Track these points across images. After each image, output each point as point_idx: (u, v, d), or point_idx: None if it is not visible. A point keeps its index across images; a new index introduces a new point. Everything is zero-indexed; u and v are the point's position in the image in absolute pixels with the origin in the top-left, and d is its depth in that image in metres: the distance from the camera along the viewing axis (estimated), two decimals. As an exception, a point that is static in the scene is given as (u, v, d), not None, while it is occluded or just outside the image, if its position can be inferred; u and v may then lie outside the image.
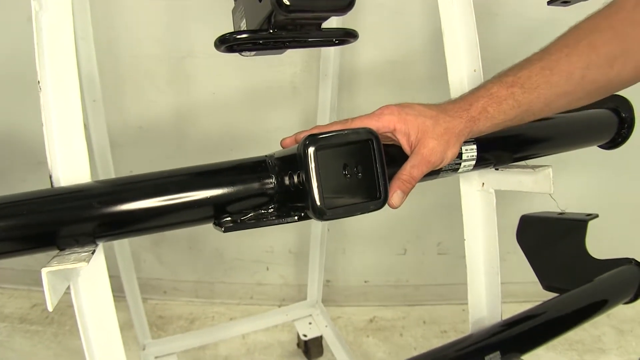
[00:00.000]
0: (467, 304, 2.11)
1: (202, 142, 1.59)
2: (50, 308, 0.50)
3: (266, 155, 0.61)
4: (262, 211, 0.58)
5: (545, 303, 0.96)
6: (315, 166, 0.51)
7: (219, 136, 1.59)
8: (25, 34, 1.48)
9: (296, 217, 0.56)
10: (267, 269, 1.95)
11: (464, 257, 1.95)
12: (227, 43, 0.56)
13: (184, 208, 0.58)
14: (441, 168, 0.71)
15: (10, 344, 1.83)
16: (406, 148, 0.64)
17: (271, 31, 0.54)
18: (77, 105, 0.60)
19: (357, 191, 0.55)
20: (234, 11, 0.63)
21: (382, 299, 2.02)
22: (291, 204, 0.58)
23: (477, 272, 0.89)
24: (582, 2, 0.92)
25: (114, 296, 1.91)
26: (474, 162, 0.76)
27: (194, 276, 1.97)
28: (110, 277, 1.79)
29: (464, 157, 0.75)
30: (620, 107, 1.03)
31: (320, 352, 1.75)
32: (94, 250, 0.55)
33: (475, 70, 0.86)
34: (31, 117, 1.59)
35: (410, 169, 0.62)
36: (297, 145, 0.54)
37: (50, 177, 0.59)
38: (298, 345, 1.81)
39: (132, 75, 1.45)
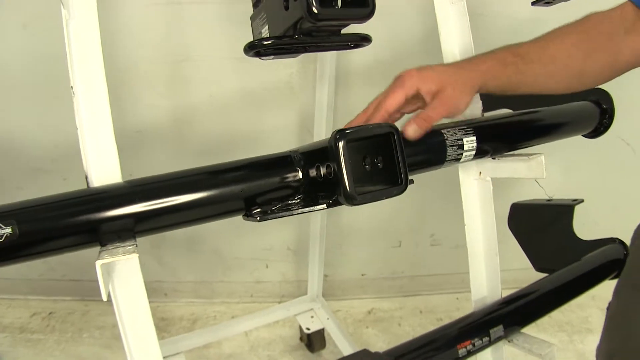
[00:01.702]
0: (460, 292, 2.19)
1: (201, 144, 1.63)
2: (104, 298, 0.55)
3: (290, 151, 0.67)
4: (290, 201, 0.63)
5: (538, 282, 1.04)
6: (345, 157, 0.57)
7: (217, 138, 1.63)
8: (18, 41, 1.51)
9: (325, 205, 0.62)
10: (267, 266, 1.99)
11: (456, 247, 2.03)
12: (255, 49, 0.61)
13: (216, 202, 0.63)
14: (446, 158, 0.77)
15: (13, 354, 1.84)
16: (428, 99, 0.75)
17: (296, 37, 0.60)
18: (106, 108, 0.65)
19: (381, 178, 0.62)
20: (253, 18, 0.69)
21: (379, 291, 2.08)
22: (318, 193, 0.63)
23: (477, 255, 0.96)
24: (563, 2, 0.99)
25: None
26: (474, 152, 0.83)
27: (194, 277, 2.00)
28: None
29: (465, 147, 0.81)
30: (601, 99, 1.12)
31: (323, 344, 1.80)
32: (136, 244, 0.60)
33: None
34: (26, 123, 1.62)
35: (429, 110, 0.73)
36: (325, 139, 0.59)
37: (86, 177, 0.64)
38: (301, 339, 1.86)
39: (130, 80, 1.48)
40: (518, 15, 1.55)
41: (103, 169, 0.63)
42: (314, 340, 1.78)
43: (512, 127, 0.90)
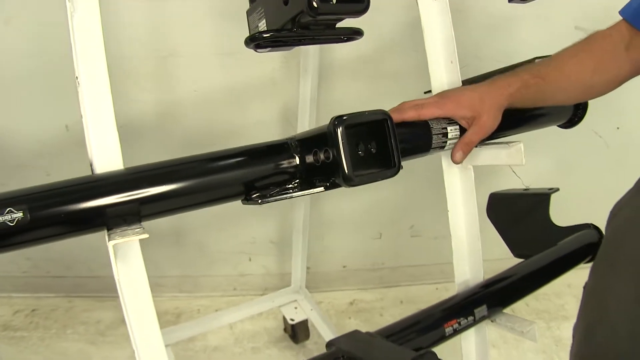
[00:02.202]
0: (440, 283, 2.25)
1: (186, 138, 1.65)
2: (116, 277, 0.57)
3: (287, 138, 0.70)
4: (288, 186, 0.67)
5: (516, 265, 1.09)
6: (343, 141, 0.60)
7: (201, 132, 1.65)
8: (1, 37, 1.51)
9: (323, 188, 0.65)
10: (250, 259, 2.01)
11: (436, 238, 2.09)
12: (256, 41, 0.65)
13: (217, 187, 0.66)
14: (432, 146, 0.82)
15: (-4, 352, 1.84)
16: (465, 124, 0.87)
17: (295, 30, 0.63)
18: (108, 98, 0.67)
19: (376, 161, 0.66)
20: (249, 12, 0.72)
21: (361, 282, 2.12)
22: (314, 178, 0.67)
23: (460, 240, 1.00)
24: (538, -1, 1.04)
25: (107, 296, 1.97)
26: (457, 141, 0.87)
27: (178, 271, 2.02)
28: (104, 277, 1.86)
29: (449, 136, 0.86)
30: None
31: (307, 335, 1.83)
32: (143, 228, 0.62)
33: (452, 62, 0.97)
34: (9, 119, 1.62)
35: (470, 136, 0.86)
36: (322, 125, 0.63)
37: (91, 165, 0.66)
38: (285, 330, 1.89)
39: (115, 75, 1.48)
40: (495, 12, 1.61)
41: (106, 156, 0.66)
42: (298, 331, 1.82)
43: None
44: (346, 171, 0.61)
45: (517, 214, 1.25)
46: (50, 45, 1.50)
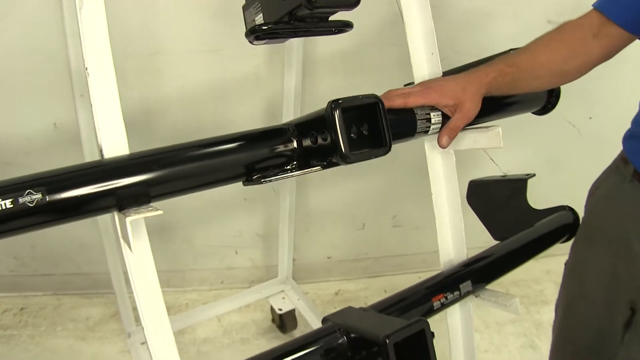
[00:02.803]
0: (422, 272, 2.32)
1: (173, 133, 1.68)
2: (133, 251, 0.61)
3: (284, 124, 0.75)
4: (286, 167, 0.72)
5: (496, 245, 1.15)
6: (340, 122, 0.65)
7: (188, 127, 1.68)
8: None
9: (320, 167, 0.70)
10: (236, 253, 2.05)
11: (417, 228, 2.15)
12: (256, 33, 0.69)
13: (220, 169, 0.71)
14: (417, 130, 0.88)
15: (-14, 351, 1.85)
16: (448, 112, 0.93)
17: (291, 23, 0.68)
18: (114, 88, 0.71)
19: (369, 141, 0.71)
20: (245, 7, 0.76)
21: (345, 273, 2.17)
22: (311, 160, 0.72)
23: (444, 220, 1.06)
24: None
25: (95, 293, 1.99)
26: (439, 125, 0.93)
27: (165, 266, 2.04)
28: (91, 274, 1.88)
29: (433, 121, 0.92)
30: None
31: (295, 324, 1.88)
32: (152, 207, 0.66)
33: (432, 54, 1.02)
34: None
35: (455, 122, 0.92)
36: (319, 110, 0.68)
37: (101, 150, 0.70)
38: (273, 321, 1.94)
39: None
40: (472, 8, 1.69)
41: (114, 142, 0.69)
42: (286, 321, 1.86)
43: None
44: (343, 150, 0.66)
45: (496, 200, 1.30)
46: (38, 44, 1.53)
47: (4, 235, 0.61)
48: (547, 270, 2.31)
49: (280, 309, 1.85)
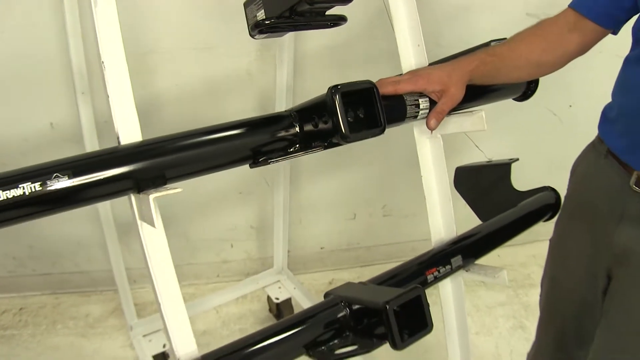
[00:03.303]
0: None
1: (167, 129, 1.71)
2: (156, 226, 0.67)
3: (286, 110, 0.81)
4: (290, 150, 0.78)
5: (483, 224, 1.22)
6: (340, 105, 0.72)
7: (183, 123, 1.71)
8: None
9: (321, 147, 0.76)
10: (232, 246, 2.10)
11: (406, 217, 2.22)
12: (260, 27, 0.75)
13: (229, 152, 0.76)
14: (407, 115, 0.94)
15: (-12, 351, 1.88)
16: (435, 97, 0.99)
17: (292, 17, 0.74)
18: (127, 79, 0.77)
19: (366, 122, 0.77)
20: (247, 4, 0.82)
21: (338, 262, 2.24)
22: (312, 141, 0.78)
23: (434, 201, 1.12)
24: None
25: (93, 291, 2.03)
26: (427, 110, 1.00)
27: (162, 262, 2.08)
28: (90, 272, 1.92)
29: (421, 106, 0.98)
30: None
31: (292, 312, 1.94)
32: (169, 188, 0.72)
33: (419, 45, 1.09)
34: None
35: (442, 105, 0.98)
36: (319, 96, 0.74)
37: (118, 137, 0.75)
38: (270, 310, 2.00)
39: (97, 73, 1.55)
40: (454, 2, 1.76)
41: (129, 129, 0.75)
42: (283, 310, 1.92)
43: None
44: (344, 130, 0.73)
45: (482, 184, 1.35)
46: (34, 46, 1.57)
47: (33, 217, 0.66)
48: (534, 254, 2.40)
49: (277, 298, 1.91)
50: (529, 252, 2.42)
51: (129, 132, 0.75)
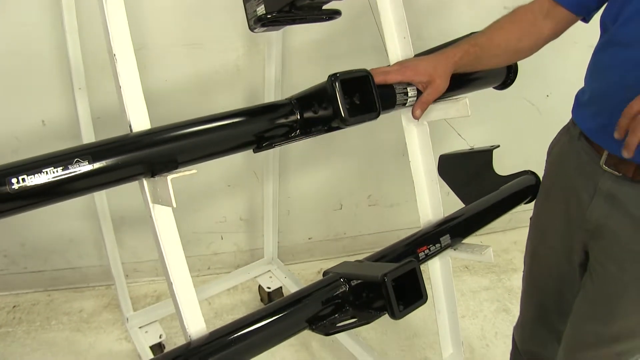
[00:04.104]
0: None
1: (160, 124, 1.76)
2: (174, 205, 0.72)
3: (287, 99, 0.86)
4: (291, 135, 0.83)
5: (469, 205, 1.28)
6: (340, 91, 0.77)
7: (174, 119, 1.75)
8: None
9: (322, 131, 0.82)
10: (222, 238, 2.14)
11: (391, 206, 2.29)
12: (262, 21, 0.81)
13: (235, 137, 0.82)
14: (396, 102, 1.00)
15: (-17, 349, 1.89)
16: (421, 87, 1.06)
17: (292, 12, 0.80)
18: (136, 71, 0.81)
19: (363, 107, 0.83)
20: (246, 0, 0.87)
21: (326, 252, 2.29)
22: (311, 127, 0.84)
23: (421, 184, 1.19)
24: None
25: (85, 287, 2.06)
26: (415, 98, 1.06)
27: (153, 255, 2.10)
28: (81, 268, 1.95)
29: (409, 94, 1.05)
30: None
31: (283, 301, 1.99)
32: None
33: (404, 37, 1.15)
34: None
35: (426, 96, 1.05)
36: (319, 84, 0.80)
37: (130, 125, 0.80)
38: (261, 300, 2.04)
39: (89, 69, 1.54)
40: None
41: (139, 117, 0.80)
42: (274, 299, 1.97)
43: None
44: (343, 115, 0.79)
45: (465, 170, 1.41)
46: (24, 45, 1.59)
47: (56, 200, 0.71)
48: (515, 241, 2.50)
49: (268, 287, 1.96)
50: (510, 239, 2.52)
51: (140, 121, 0.80)
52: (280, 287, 1.98)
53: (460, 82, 1.20)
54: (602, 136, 0.93)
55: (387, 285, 0.83)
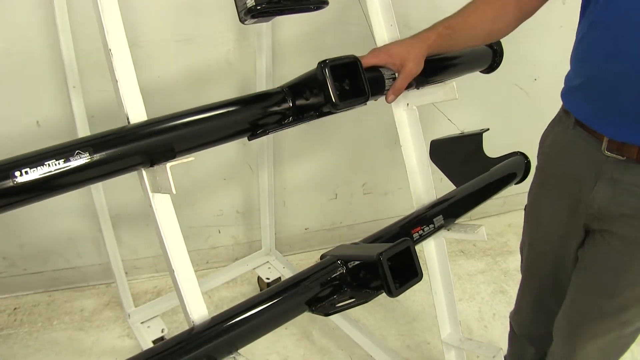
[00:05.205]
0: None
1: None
2: (174, 191, 0.74)
3: (278, 87, 0.89)
4: (284, 122, 0.86)
5: (461, 186, 1.31)
6: (330, 77, 0.80)
7: (166, 112, 1.78)
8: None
9: (313, 117, 0.85)
10: (219, 231, 2.16)
11: (386, 194, 2.31)
12: (252, 12, 0.83)
13: (230, 126, 0.84)
14: (385, 87, 1.03)
15: (-14, 353, 1.90)
16: (396, 70, 1.08)
17: (280, 3, 0.82)
18: (131, 65, 0.83)
19: (353, 92, 0.86)
20: (237, -9, 0.89)
21: (322, 242, 2.32)
22: (303, 113, 0.86)
23: (413, 168, 1.21)
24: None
25: (85, 286, 2.08)
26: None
27: (152, 252, 2.13)
28: (81, 267, 1.97)
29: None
30: (493, 43, 1.39)
31: (282, 291, 2.01)
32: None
33: (391, 25, 1.18)
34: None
35: (399, 83, 1.08)
36: (309, 71, 0.82)
37: (127, 117, 0.82)
38: (261, 291, 2.07)
39: (82, 68, 1.54)
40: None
41: (135, 109, 0.82)
42: (273, 289, 1.99)
43: (431, 63, 1.15)
44: (334, 99, 0.81)
45: (456, 154, 1.43)
46: (17, 45, 1.60)
47: (58, 192, 0.73)
48: (509, 224, 2.54)
49: (267, 278, 1.98)
50: (504, 222, 2.56)
51: (136, 112, 0.82)
52: (279, 278, 2.00)
53: (446, 67, 1.23)
54: (600, 122, 0.91)
55: (382, 264, 0.86)
